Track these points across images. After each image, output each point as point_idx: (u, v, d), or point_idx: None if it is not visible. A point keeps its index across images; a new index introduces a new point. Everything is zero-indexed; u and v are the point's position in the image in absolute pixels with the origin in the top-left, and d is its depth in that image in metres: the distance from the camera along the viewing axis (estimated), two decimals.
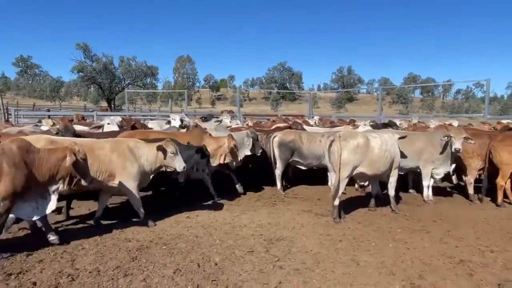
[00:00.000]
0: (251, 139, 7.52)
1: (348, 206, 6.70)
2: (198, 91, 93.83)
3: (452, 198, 7.88)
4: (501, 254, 4.77)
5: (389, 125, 10.55)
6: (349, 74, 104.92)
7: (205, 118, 17.15)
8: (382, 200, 6.97)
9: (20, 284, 3.82)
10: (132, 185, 5.55)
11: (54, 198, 4.64)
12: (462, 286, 3.90)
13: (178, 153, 5.71)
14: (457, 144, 6.76)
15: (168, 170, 5.88)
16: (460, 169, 7.83)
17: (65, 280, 3.92)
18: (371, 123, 10.53)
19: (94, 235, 5.20)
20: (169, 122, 10.70)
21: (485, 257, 4.67)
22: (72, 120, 11.55)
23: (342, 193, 6.26)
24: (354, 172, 6.20)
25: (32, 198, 4.49)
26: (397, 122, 11.84)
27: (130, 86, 48.52)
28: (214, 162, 7.02)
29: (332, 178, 6.35)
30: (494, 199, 7.21)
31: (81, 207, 6.59)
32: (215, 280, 3.97)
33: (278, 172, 8.14)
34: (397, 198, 7.15)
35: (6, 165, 4.12)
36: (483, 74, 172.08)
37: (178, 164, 5.71)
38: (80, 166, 4.59)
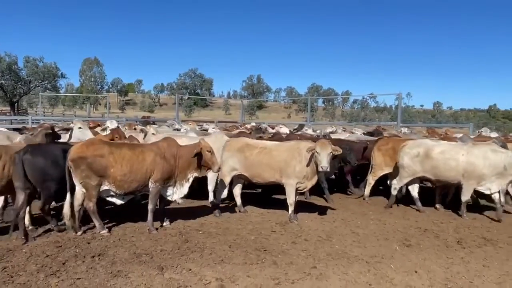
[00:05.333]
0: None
1: (322, 202, 8.17)
2: (106, 95, 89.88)
3: None
4: (449, 224, 6.60)
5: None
6: (258, 83, 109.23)
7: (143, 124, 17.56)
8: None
9: (112, 262, 4.51)
10: (291, 182, 6.45)
11: (187, 184, 5.79)
12: (436, 244, 5.53)
13: (325, 154, 6.05)
14: None
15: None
16: None
17: (145, 258, 4.69)
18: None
19: (125, 228, 5.88)
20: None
21: (440, 226, 6.43)
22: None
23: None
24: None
25: (173, 183, 5.73)
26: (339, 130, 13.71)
27: (37, 88, 45.18)
28: None
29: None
30: None
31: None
32: (266, 250, 5.06)
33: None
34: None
35: (159, 158, 5.43)
36: (376, 86, 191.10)
37: (322, 164, 6.05)
38: (207, 157, 5.72)
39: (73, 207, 5.39)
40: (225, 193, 7.12)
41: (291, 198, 6.57)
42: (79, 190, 5.40)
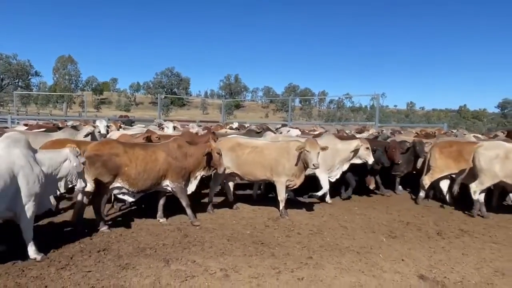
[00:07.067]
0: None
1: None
2: (82, 94, 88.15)
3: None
4: (429, 217, 7.07)
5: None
6: (236, 82, 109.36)
7: (124, 123, 17.56)
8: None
9: (118, 256, 4.71)
10: (282, 180, 6.72)
11: (195, 182, 6.06)
12: (418, 235, 5.97)
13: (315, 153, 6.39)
14: None
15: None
16: None
17: (149, 251, 4.92)
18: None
19: (124, 224, 6.06)
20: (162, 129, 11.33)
21: (421, 220, 6.89)
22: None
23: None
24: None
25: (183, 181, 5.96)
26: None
27: (9, 86, 44.08)
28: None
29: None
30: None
31: None
32: (263, 243, 5.36)
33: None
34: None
35: (171, 159, 5.71)
36: (351, 86, 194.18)
37: (309, 161, 6.35)
38: (216, 158, 6.01)
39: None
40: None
41: (281, 195, 6.87)
42: (89, 186, 5.56)
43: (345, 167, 7.93)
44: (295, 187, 7.24)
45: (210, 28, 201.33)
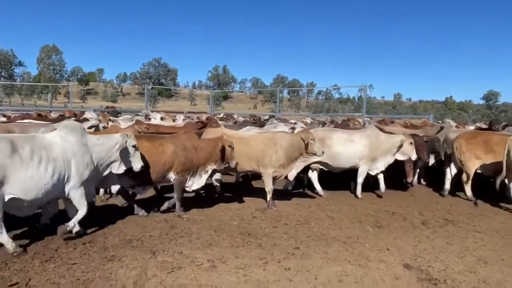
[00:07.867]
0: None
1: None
2: (68, 84, 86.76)
3: None
4: (415, 207, 7.16)
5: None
6: (224, 73, 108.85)
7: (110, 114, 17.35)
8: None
9: (104, 248, 4.67)
10: (268, 171, 6.72)
11: (205, 176, 6.04)
12: (404, 225, 6.05)
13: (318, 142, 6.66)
14: None
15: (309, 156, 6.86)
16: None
17: (136, 243, 4.88)
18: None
19: (111, 216, 6.00)
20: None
21: (407, 210, 6.97)
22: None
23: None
24: None
25: (192, 174, 6.01)
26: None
27: None
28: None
29: None
30: None
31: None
32: (250, 234, 5.37)
33: None
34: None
35: (179, 150, 5.82)
36: (339, 77, 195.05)
37: (317, 150, 6.57)
38: (228, 152, 5.95)
39: None
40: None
41: (268, 186, 6.87)
42: None
43: (390, 160, 7.74)
44: (282, 177, 7.26)
45: (198, 19, 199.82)
